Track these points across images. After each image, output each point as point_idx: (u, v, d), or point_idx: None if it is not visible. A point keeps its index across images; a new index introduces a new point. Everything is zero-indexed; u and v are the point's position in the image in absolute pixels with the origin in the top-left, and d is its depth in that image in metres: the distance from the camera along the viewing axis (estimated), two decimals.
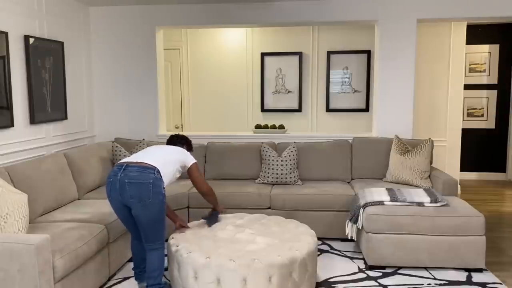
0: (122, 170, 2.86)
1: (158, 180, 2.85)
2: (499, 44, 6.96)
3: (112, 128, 5.42)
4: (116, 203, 2.92)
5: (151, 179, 2.82)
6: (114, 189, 2.86)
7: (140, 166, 2.87)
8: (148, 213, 2.83)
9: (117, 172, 2.86)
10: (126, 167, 2.87)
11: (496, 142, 7.16)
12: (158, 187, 2.84)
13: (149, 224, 2.87)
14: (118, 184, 2.83)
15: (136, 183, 2.80)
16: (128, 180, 2.81)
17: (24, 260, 2.45)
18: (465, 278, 3.42)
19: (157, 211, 2.86)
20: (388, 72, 5.04)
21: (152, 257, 2.93)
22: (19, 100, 3.98)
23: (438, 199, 3.63)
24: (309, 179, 4.75)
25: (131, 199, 2.82)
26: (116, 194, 2.87)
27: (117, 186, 2.84)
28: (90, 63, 5.31)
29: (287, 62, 6.33)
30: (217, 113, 6.58)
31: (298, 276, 2.92)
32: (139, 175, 2.82)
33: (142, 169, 2.85)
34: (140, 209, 2.82)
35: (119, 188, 2.83)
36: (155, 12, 5.23)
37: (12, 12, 3.88)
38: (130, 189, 2.80)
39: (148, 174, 2.83)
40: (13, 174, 3.29)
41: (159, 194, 2.85)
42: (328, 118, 6.37)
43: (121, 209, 2.94)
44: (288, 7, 5.06)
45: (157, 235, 2.92)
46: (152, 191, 2.81)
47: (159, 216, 2.88)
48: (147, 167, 2.86)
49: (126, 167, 2.87)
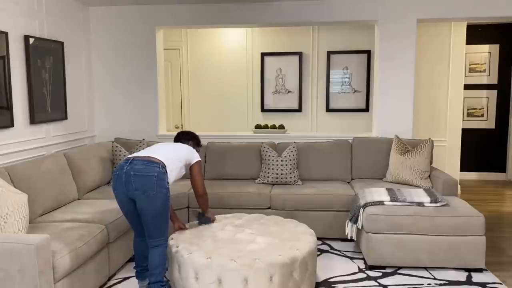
0: (129, 163, 2.91)
1: (163, 174, 2.90)
2: (499, 44, 6.96)
3: (112, 128, 5.42)
4: (121, 196, 2.94)
5: (156, 172, 2.87)
6: (120, 182, 2.89)
7: (146, 160, 2.93)
8: (152, 206, 2.86)
9: (123, 166, 2.92)
10: (133, 161, 2.92)
11: (496, 142, 7.16)
12: (163, 180, 2.89)
13: (153, 218, 2.88)
14: (124, 176, 2.87)
15: (140, 175, 2.85)
16: (133, 173, 2.86)
17: (24, 260, 2.45)
18: (465, 278, 3.42)
19: (161, 205, 2.88)
20: (388, 72, 5.04)
21: (154, 254, 2.94)
22: (19, 100, 3.98)
23: (438, 199, 3.63)
24: (309, 179, 4.75)
25: (136, 191, 2.85)
26: (121, 187, 2.90)
27: (123, 179, 2.88)
28: (90, 63, 5.30)
29: (287, 62, 6.33)
30: (217, 113, 6.58)
31: (299, 275, 2.92)
32: (144, 168, 2.87)
33: (147, 162, 2.90)
34: (145, 201, 2.85)
35: (125, 180, 2.87)
36: (155, 12, 5.23)
37: (12, 12, 3.88)
38: (135, 181, 2.84)
39: (153, 167, 2.89)
40: (13, 174, 3.29)
41: (163, 187, 2.88)
42: (328, 118, 6.37)
43: (125, 202, 2.96)
44: (288, 7, 5.06)
45: (161, 231, 2.93)
46: (157, 184, 2.85)
47: (163, 210, 2.90)
48: (153, 161, 2.92)
49: (132, 160, 2.93)
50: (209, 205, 4.31)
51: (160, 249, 2.95)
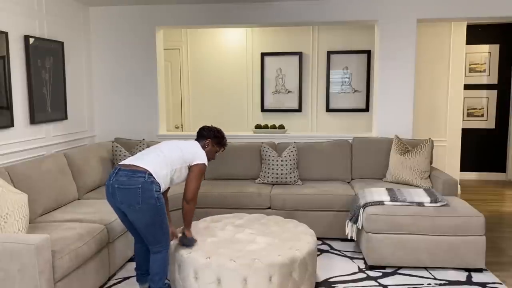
0: (115, 174, 2.77)
1: (149, 184, 2.72)
2: (499, 44, 6.96)
3: (112, 128, 5.42)
4: (113, 206, 2.87)
5: (140, 183, 2.70)
6: (108, 193, 2.80)
7: (130, 170, 2.75)
8: (141, 217, 2.75)
9: (111, 176, 2.79)
10: (118, 171, 2.77)
11: (496, 142, 7.16)
12: (149, 191, 2.71)
13: (146, 228, 2.79)
14: (111, 188, 2.77)
15: (123, 189, 2.71)
16: (117, 185, 2.73)
17: (24, 260, 2.45)
18: (465, 278, 3.42)
19: (151, 216, 2.75)
20: (388, 72, 5.04)
21: (153, 260, 2.88)
22: (19, 100, 3.98)
23: (438, 199, 3.63)
24: (309, 179, 4.75)
25: (122, 204, 2.75)
26: (110, 198, 2.81)
27: (110, 190, 2.78)
28: (90, 63, 5.30)
29: (287, 62, 6.32)
30: (217, 113, 6.57)
31: (298, 276, 2.92)
32: (127, 180, 2.71)
33: (131, 173, 2.73)
34: (133, 214, 2.75)
35: (111, 192, 2.77)
36: (155, 12, 5.23)
37: (12, 12, 3.88)
38: (119, 194, 2.73)
39: (137, 178, 2.71)
40: (13, 174, 3.29)
41: (150, 198, 2.71)
42: (328, 118, 6.37)
43: (118, 213, 2.90)
44: (288, 7, 5.06)
45: (156, 239, 2.83)
46: (141, 196, 2.69)
47: (155, 219, 2.77)
48: (138, 171, 2.74)
49: (118, 171, 2.78)
50: (208, 206, 4.33)
51: (160, 255, 2.87)
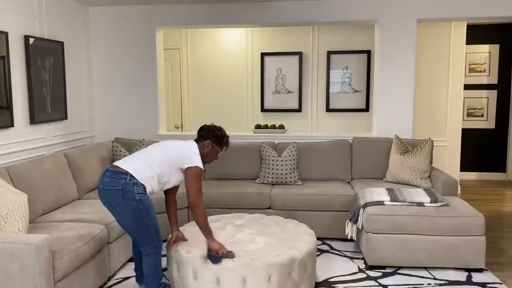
0: (103, 175, 2.79)
1: (130, 186, 2.68)
2: (499, 44, 6.96)
3: (112, 128, 5.42)
4: None
5: (120, 185, 2.68)
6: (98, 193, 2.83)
7: (114, 171, 2.75)
8: (124, 219, 2.75)
9: (100, 178, 2.81)
10: (106, 172, 2.79)
11: (496, 142, 7.15)
12: (130, 193, 2.68)
13: (131, 230, 2.80)
14: (98, 189, 2.80)
15: (106, 190, 2.73)
16: (101, 186, 2.75)
17: (24, 260, 2.45)
18: (465, 278, 3.42)
19: (133, 217, 2.72)
20: (388, 72, 5.04)
21: (145, 263, 2.87)
22: (19, 100, 3.98)
23: (438, 199, 3.63)
24: (309, 179, 4.75)
25: (105, 205, 2.78)
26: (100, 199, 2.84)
27: (98, 191, 2.81)
28: (90, 63, 5.30)
29: (287, 62, 6.32)
30: (217, 113, 6.57)
31: (298, 276, 2.92)
32: (110, 181, 2.72)
33: (114, 174, 2.73)
34: (116, 215, 2.77)
35: (99, 194, 2.80)
36: (155, 12, 5.23)
37: (12, 12, 3.88)
38: (101, 195, 2.76)
39: (118, 180, 2.70)
40: (13, 174, 3.29)
41: (131, 200, 2.68)
42: (328, 118, 6.37)
43: None
44: (288, 7, 5.06)
45: (143, 240, 2.80)
46: (122, 197, 2.67)
47: (138, 222, 2.73)
48: (120, 172, 2.73)
49: (105, 172, 2.80)
50: (208, 206, 4.29)
51: (150, 258, 2.83)
